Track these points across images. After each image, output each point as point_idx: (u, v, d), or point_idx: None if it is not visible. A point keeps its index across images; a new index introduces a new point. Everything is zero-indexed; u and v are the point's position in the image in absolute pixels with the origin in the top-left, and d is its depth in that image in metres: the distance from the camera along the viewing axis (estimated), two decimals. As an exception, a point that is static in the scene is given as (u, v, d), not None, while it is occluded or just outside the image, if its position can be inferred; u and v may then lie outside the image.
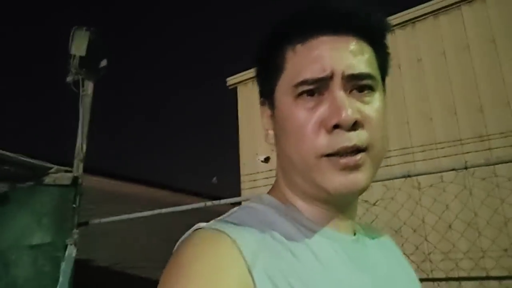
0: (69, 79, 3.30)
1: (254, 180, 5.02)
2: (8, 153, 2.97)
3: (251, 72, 5.59)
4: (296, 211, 0.61)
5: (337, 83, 0.54)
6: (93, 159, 3.19)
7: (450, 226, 3.16)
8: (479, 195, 3.13)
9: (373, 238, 0.69)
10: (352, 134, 0.53)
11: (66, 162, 3.31)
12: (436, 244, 3.21)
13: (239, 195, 5.03)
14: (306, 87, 0.55)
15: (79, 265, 2.97)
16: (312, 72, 0.55)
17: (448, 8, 3.99)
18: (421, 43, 4.11)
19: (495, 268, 3.11)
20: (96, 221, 2.98)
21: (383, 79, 0.63)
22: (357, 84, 0.56)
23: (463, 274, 3.25)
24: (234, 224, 0.54)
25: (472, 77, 3.70)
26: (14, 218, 3.11)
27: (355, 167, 0.54)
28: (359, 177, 0.54)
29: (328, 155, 0.54)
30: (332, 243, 0.58)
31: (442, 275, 3.33)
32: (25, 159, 3.02)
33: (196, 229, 0.55)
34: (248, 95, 5.63)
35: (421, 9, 4.14)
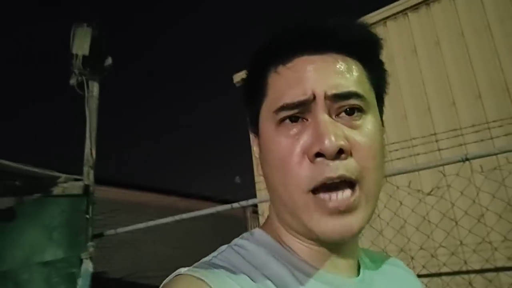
0: (72, 81, 3.06)
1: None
2: (11, 164, 2.74)
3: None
4: (290, 251, 0.53)
5: (320, 105, 0.48)
6: (99, 169, 2.96)
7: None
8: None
9: (382, 272, 0.62)
10: (338, 163, 0.46)
11: (74, 171, 3.08)
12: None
13: (254, 196, 4.77)
14: (286, 113, 0.50)
15: (93, 279, 2.77)
16: (293, 96, 0.49)
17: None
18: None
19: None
20: (112, 231, 2.74)
21: (381, 99, 0.56)
22: (345, 106, 0.49)
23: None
24: (220, 267, 0.48)
25: (469, 65, 3.57)
26: (23, 234, 2.88)
27: (347, 210, 0.47)
28: (352, 221, 0.47)
29: (314, 191, 0.47)
30: None
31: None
32: (30, 169, 2.79)
33: (177, 275, 0.48)
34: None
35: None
